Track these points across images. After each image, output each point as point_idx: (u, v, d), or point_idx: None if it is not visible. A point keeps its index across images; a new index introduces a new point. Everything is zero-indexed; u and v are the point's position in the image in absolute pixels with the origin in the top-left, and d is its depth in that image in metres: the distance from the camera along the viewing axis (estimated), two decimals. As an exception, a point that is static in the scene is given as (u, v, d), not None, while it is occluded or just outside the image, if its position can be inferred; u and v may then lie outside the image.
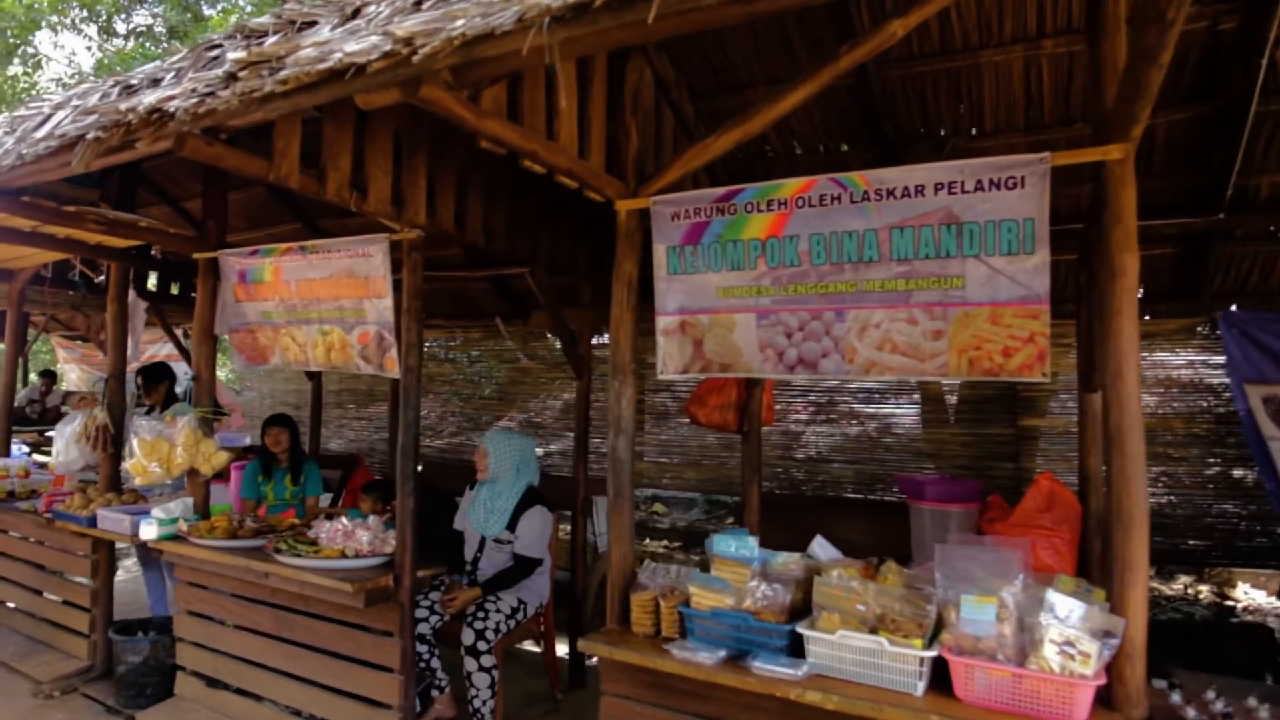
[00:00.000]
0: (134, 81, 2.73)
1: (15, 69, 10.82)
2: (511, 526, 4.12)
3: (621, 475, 3.08)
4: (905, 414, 5.16)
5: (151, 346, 9.02)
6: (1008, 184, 2.49)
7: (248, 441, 6.89)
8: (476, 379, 6.75)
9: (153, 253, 6.10)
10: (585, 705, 4.60)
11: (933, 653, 2.32)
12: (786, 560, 2.81)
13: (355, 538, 3.79)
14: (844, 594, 2.46)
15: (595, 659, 5.12)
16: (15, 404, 9.23)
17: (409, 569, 3.61)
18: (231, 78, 2.00)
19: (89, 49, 11.80)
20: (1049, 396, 4.46)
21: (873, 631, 2.41)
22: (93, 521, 4.47)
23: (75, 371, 10.54)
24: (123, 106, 2.23)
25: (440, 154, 3.74)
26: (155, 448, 4.20)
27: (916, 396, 5.31)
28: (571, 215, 4.76)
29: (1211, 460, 4.38)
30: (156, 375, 5.46)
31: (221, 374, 10.88)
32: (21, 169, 2.74)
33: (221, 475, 4.67)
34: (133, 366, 5.53)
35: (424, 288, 3.67)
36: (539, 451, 6.67)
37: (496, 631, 3.87)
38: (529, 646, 4.96)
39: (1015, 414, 4.50)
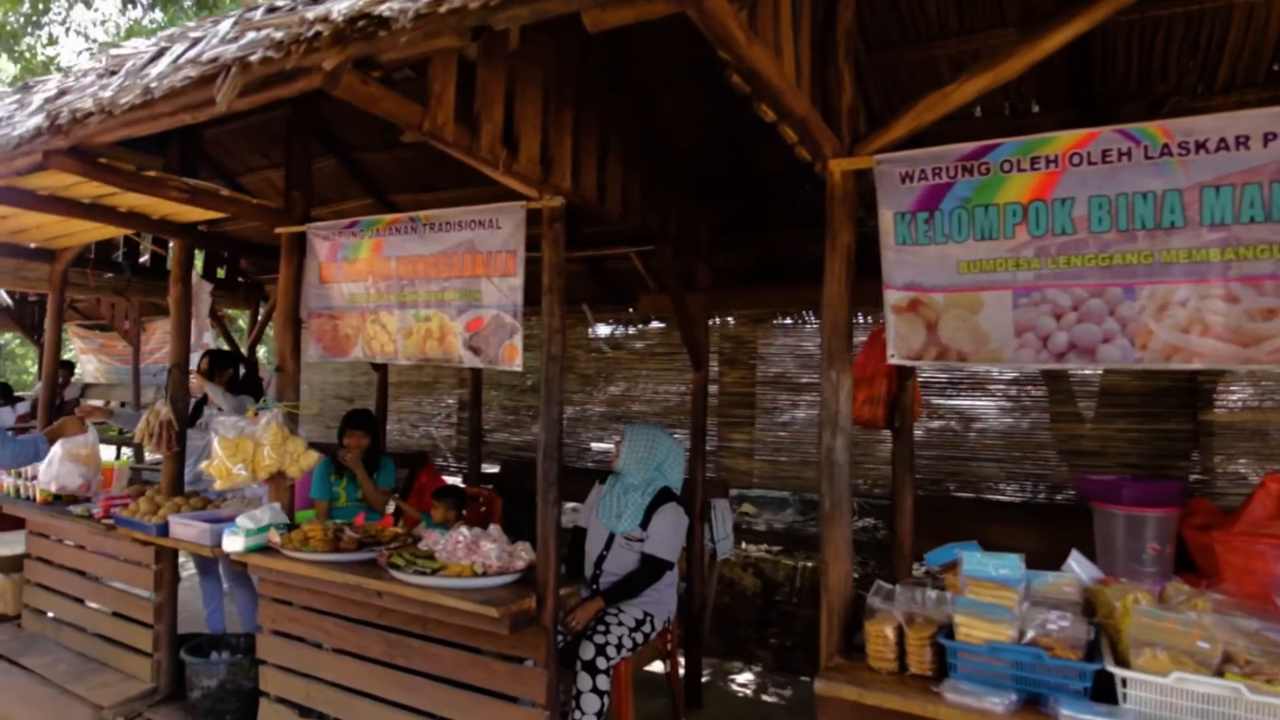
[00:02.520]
0: (280, 2, 2.23)
1: (35, 39, 10.16)
2: (645, 525, 3.72)
3: (839, 481, 2.63)
4: (1042, 408, 4.73)
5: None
6: (1370, 131, 2.05)
7: (300, 437, 6.38)
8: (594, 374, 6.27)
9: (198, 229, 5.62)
10: (712, 729, 4.18)
11: (1309, 704, 1.87)
12: (1058, 581, 2.38)
13: (481, 552, 3.32)
14: (1180, 628, 2.02)
15: (708, 676, 4.70)
16: (33, 395, 8.73)
17: (553, 588, 3.15)
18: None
19: (103, 23, 11.20)
20: (1231, 388, 4.04)
21: (1218, 674, 1.96)
22: (164, 530, 3.97)
23: (93, 362, 9.95)
24: (310, 15, 1.74)
25: (584, 111, 3.26)
26: (239, 447, 3.71)
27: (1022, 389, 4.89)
28: (694, 188, 4.32)
29: None
30: (223, 360, 4.95)
31: (263, 356, 10.31)
32: (139, 112, 2.24)
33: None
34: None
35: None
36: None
37: (618, 647, 3.45)
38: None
39: (1195, 408, 4.07)
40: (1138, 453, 4.20)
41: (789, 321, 5.26)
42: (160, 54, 2.43)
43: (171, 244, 6.02)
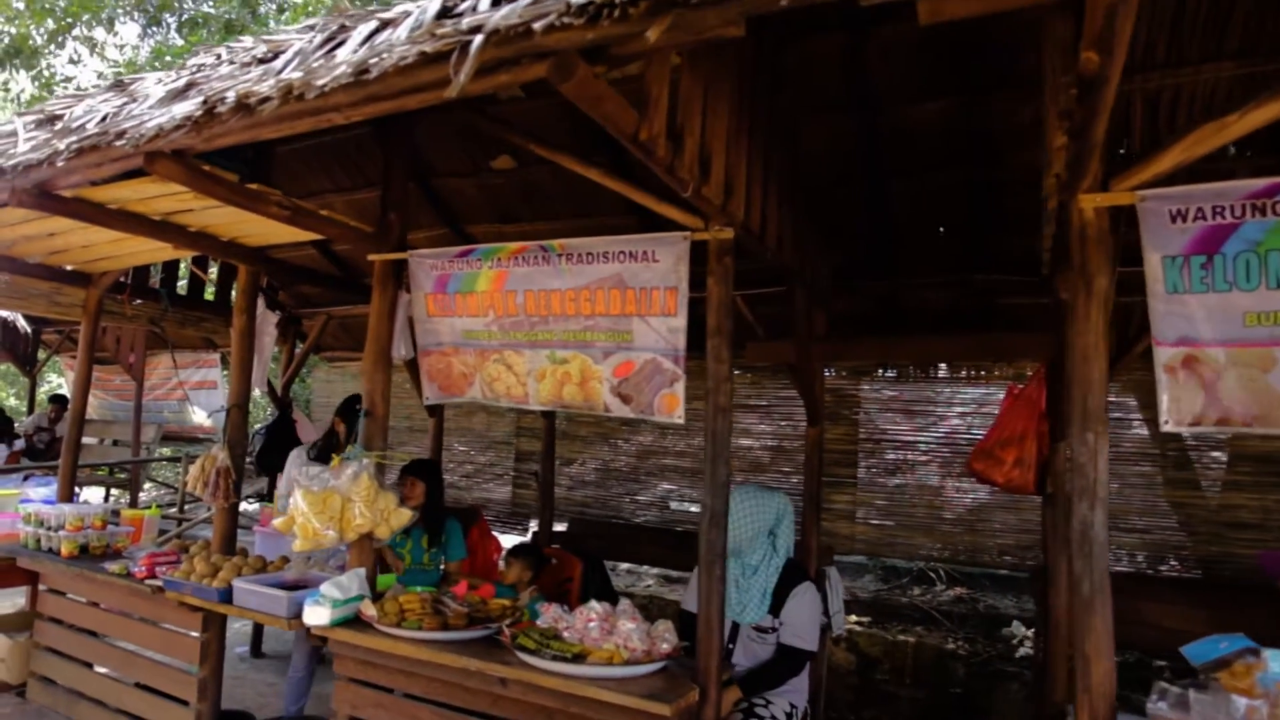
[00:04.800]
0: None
1: (59, 58, 9.72)
2: (775, 610, 3.26)
3: (1099, 562, 2.24)
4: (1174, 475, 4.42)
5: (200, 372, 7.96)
6: None
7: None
8: (626, 421, 5.86)
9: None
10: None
11: None
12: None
13: (620, 632, 2.86)
14: None
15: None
16: (23, 431, 8.08)
17: (716, 678, 2.70)
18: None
19: (120, 47, 10.79)
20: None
21: None
22: (227, 596, 3.44)
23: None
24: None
25: (754, 135, 2.92)
26: (327, 503, 3.23)
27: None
28: (822, 226, 3.99)
29: None
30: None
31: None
32: (340, 95, 1.85)
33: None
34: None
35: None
36: (699, 507, 5.76)
37: (776, 747, 3.01)
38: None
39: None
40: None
41: (893, 374, 4.92)
42: (335, 36, 2.05)
43: (213, 268, 5.58)
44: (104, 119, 2.50)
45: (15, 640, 4.53)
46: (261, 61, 2.19)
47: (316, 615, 3.16)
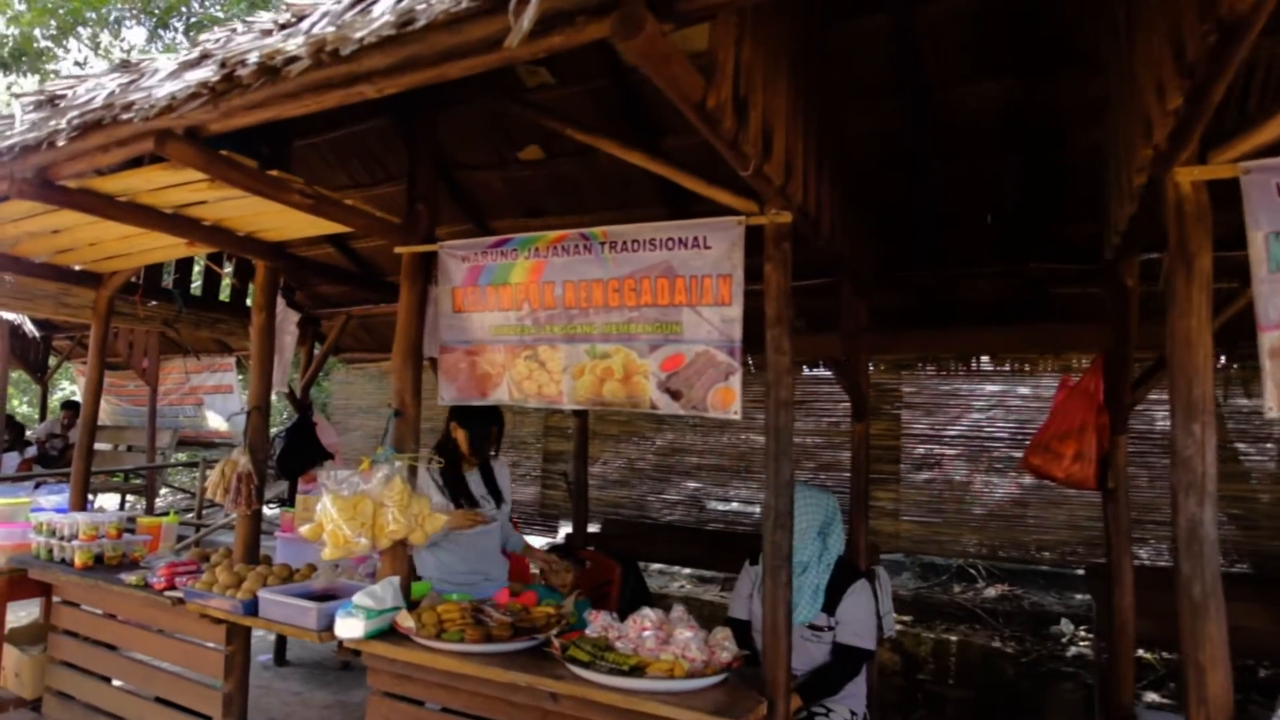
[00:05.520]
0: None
1: (65, 61, 9.55)
2: (829, 609, 3.11)
3: (1210, 563, 2.07)
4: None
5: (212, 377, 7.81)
6: None
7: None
8: (654, 418, 5.71)
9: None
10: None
11: None
12: None
13: (678, 642, 2.69)
14: None
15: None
16: (35, 437, 7.93)
17: (785, 690, 2.53)
18: None
19: (127, 50, 10.64)
20: None
21: None
22: (252, 608, 3.28)
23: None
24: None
25: (809, 114, 2.76)
26: (357, 509, 3.06)
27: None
28: (867, 214, 3.81)
29: None
30: (489, 418, 3.75)
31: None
32: (373, 57, 1.68)
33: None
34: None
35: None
36: (728, 506, 5.60)
37: (842, 757, 2.85)
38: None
39: None
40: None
41: (935, 367, 4.74)
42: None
43: (228, 265, 5.43)
44: (110, 94, 2.32)
45: (29, 654, 4.37)
46: (284, 27, 2.01)
47: (350, 628, 2.99)
